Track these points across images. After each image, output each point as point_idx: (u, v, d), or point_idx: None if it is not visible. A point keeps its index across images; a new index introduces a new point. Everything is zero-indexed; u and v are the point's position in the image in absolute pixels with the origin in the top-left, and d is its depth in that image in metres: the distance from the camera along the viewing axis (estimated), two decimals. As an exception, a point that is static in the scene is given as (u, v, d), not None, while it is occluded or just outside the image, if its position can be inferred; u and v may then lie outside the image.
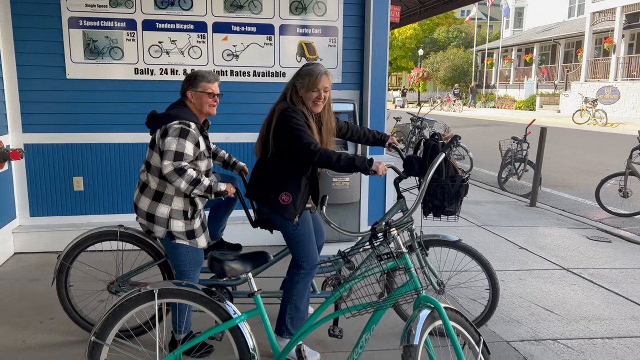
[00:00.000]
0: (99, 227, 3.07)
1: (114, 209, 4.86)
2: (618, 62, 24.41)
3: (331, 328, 2.90)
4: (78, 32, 4.56)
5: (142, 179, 2.85)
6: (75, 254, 3.06)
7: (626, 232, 6.03)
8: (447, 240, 3.16)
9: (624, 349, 3.22)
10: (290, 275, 2.91)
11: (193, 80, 2.83)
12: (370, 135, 3.27)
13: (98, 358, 2.16)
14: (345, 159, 2.63)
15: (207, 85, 2.83)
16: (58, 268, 3.05)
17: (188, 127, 2.68)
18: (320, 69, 2.79)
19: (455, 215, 2.99)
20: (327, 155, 2.62)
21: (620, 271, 4.65)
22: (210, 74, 2.87)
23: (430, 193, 2.94)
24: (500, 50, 37.61)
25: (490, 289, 3.19)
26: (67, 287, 3.10)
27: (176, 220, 2.75)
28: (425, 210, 3.04)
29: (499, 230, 5.89)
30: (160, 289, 2.20)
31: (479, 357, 2.19)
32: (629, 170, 6.70)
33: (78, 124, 4.68)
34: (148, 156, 2.82)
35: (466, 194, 2.98)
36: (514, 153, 8.36)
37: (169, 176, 2.62)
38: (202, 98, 2.83)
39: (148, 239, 3.02)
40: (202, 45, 4.76)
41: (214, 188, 2.69)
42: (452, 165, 2.97)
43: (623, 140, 14.05)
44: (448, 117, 24.27)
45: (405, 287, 2.15)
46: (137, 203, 2.83)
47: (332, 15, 4.91)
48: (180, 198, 2.76)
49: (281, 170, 2.81)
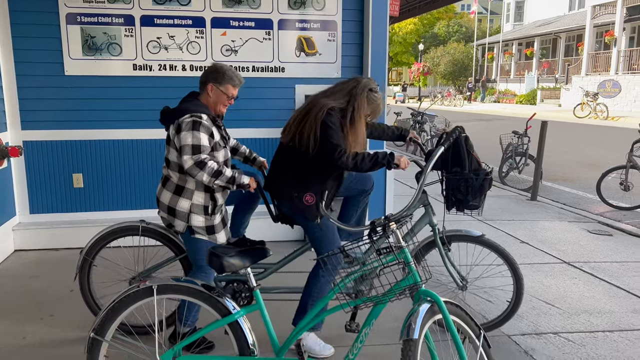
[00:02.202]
0: (120, 223, 3.08)
1: (114, 206, 4.86)
2: (619, 55, 24.34)
3: (348, 323, 2.87)
4: (76, 28, 4.54)
5: (164, 173, 2.86)
6: (97, 249, 3.05)
7: (627, 225, 6.02)
8: (471, 235, 3.11)
9: (625, 342, 3.21)
10: (314, 271, 2.89)
11: (221, 77, 2.79)
12: (390, 132, 3.27)
13: (97, 354, 2.16)
14: (369, 159, 2.64)
15: (231, 89, 2.82)
16: (80, 263, 3.04)
17: (200, 118, 2.67)
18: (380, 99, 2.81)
19: (479, 209, 2.96)
20: (353, 161, 2.62)
21: (621, 264, 4.64)
22: (237, 78, 2.83)
23: (453, 187, 2.91)
24: (500, 44, 37.51)
25: (514, 285, 3.11)
26: (90, 283, 3.10)
27: (196, 215, 2.75)
28: (448, 205, 3.01)
29: (499, 224, 5.88)
30: (159, 285, 2.20)
31: (480, 351, 2.18)
32: (630, 164, 6.68)
33: (77, 121, 4.67)
34: (166, 152, 2.82)
35: (490, 187, 2.95)
36: (514, 147, 8.33)
37: (191, 171, 2.61)
38: (221, 97, 2.82)
39: (170, 234, 3.01)
40: (201, 41, 4.74)
41: (237, 180, 2.68)
42: (475, 158, 2.93)
43: (624, 134, 14.00)
44: (449, 112, 24.22)
45: (404, 281, 2.14)
46: (159, 196, 2.84)
47: (331, 10, 4.89)
48: (201, 193, 2.76)
49: (307, 169, 2.75)
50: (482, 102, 34.30)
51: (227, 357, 2.26)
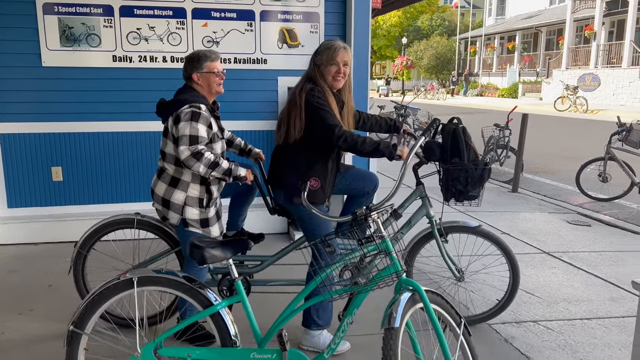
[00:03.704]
0: (115, 215, 3.05)
1: (95, 200, 4.79)
2: (598, 49, 24.71)
3: (341, 313, 2.87)
4: (53, 18, 4.45)
5: (159, 165, 2.84)
6: (92, 242, 3.01)
7: (605, 216, 6.13)
8: (468, 226, 3.14)
9: (602, 329, 3.28)
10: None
11: (196, 62, 2.77)
12: (383, 122, 3.26)
13: (77, 347, 2.14)
14: (370, 143, 2.64)
15: (212, 65, 2.78)
16: (75, 256, 3.00)
17: (199, 109, 2.65)
18: (339, 43, 2.76)
19: (478, 199, 2.98)
20: (353, 139, 2.63)
21: (599, 254, 4.73)
22: (211, 52, 2.81)
23: (453, 178, 2.92)
24: (483, 38, 37.77)
25: (510, 275, 3.15)
26: (85, 276, 3.06)
27: (191, 207, 2.73)
28: (447, 196, 3.02)
29: (481, 215, 5.94)
30: (140, 277, 2.17)
31: (460, 339, 2.21)
32: (608, 156, 6.80)
33: (55, 113, 4.59)
34: (162, 145, 2.79)
35: (489, 177, 2.98)
36: (496, 140, 8.42)
37: (187, 161, 2.59)
38: (210, 78, 2.78)
39: (165, 226, 2.99)
40: (182, 32, 4.68)
41: (234, 172, 2.67)
42: (472, 149, 2.96)
43: (603, 127, 14.22)
44: (432, 105, 24.34)
45: (386, 270, 2.15)
46: (154, 188, 2.82)
47: (313, 1, 4.86)
48: (196, 185, 2.74)
49: (306, 156, 2.77)
50: (464, 96, 34.56)
51: (210, 349, 2.25)
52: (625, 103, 21.79)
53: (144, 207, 4.70)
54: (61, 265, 4.00)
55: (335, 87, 2.80)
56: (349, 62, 2.78)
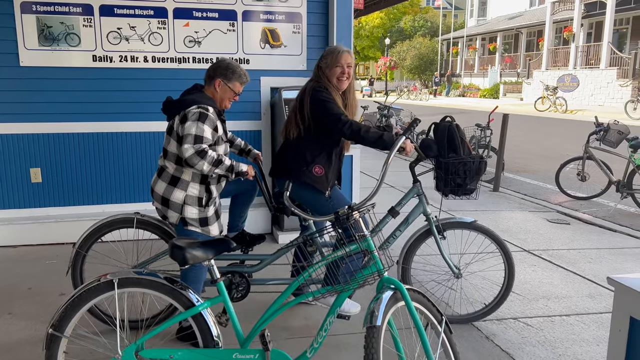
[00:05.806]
0: (114, 215, 3.03)
1: (75, 201, 4.73)
2: (577, 50, 25.09)
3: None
4: (31, 17, 4.38)
5: (160, 163, 2.84)
6: (91, 242, 2.98)
7: (584, 214, 6.24)
8: (464, 222, 3.21)
9: (581, 325, 3.34)
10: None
11: (230, 74, 2.84)
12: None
13: (56, 350, 2.11)
14: (374, 133, 2.79)
15: (238, 86, 2.89)
16: (73, 257, 2.96)
17: (206, 111, 2.68)
18: (342, 47, 3.01)
19: (475, 192, 3.07)
20: (357, 127, 2.80)
21: (578, 251, 4.81)
22: (245, 77, 2.92)
23: (452, 172, 3.00)
24: (465, 39, 38.14)
25: (505, 269, 3.23)
26: (83, 278, 3.02)
27: (190, 206, 2.74)
28: (445, 191, 3.10)
29: (463, 214, 5.97)
30: (120, 278, 2.15)
31: (442, 337, 2.23)
32: (587, 155, 6.91)
33: (34, 114, 4.51)
34: (165, 143, 2.80)
35: (485, 170, 3.08)
36: (477, 140, 8.49)
37: (191, 159, 2.60)
38: (227, 93, 2.87)
39: (165, 226, 2.98)
40: (163, 32, 4.65)
41: (236, 168, 2.73)
42: (467, 145, 3.04)
43: (582, 127, 14.47)
44: (415, 105, 24.50)
45: (368, 269, 2.17)
46: (154, 187, 2.82)
47: (295, 2, 4.86)
48: (196, 184, 2.75)
49: (311, 146, 2.94)
50: (447, 96, 34.84)
51: (192, 350, 2.24)
52: (603, 103, 22.18)
53: (124, 209, 4.67)
54: (41, 268, 3.95)
55: (341, 88, 3.00)
56: (352, 64, 2.98)
